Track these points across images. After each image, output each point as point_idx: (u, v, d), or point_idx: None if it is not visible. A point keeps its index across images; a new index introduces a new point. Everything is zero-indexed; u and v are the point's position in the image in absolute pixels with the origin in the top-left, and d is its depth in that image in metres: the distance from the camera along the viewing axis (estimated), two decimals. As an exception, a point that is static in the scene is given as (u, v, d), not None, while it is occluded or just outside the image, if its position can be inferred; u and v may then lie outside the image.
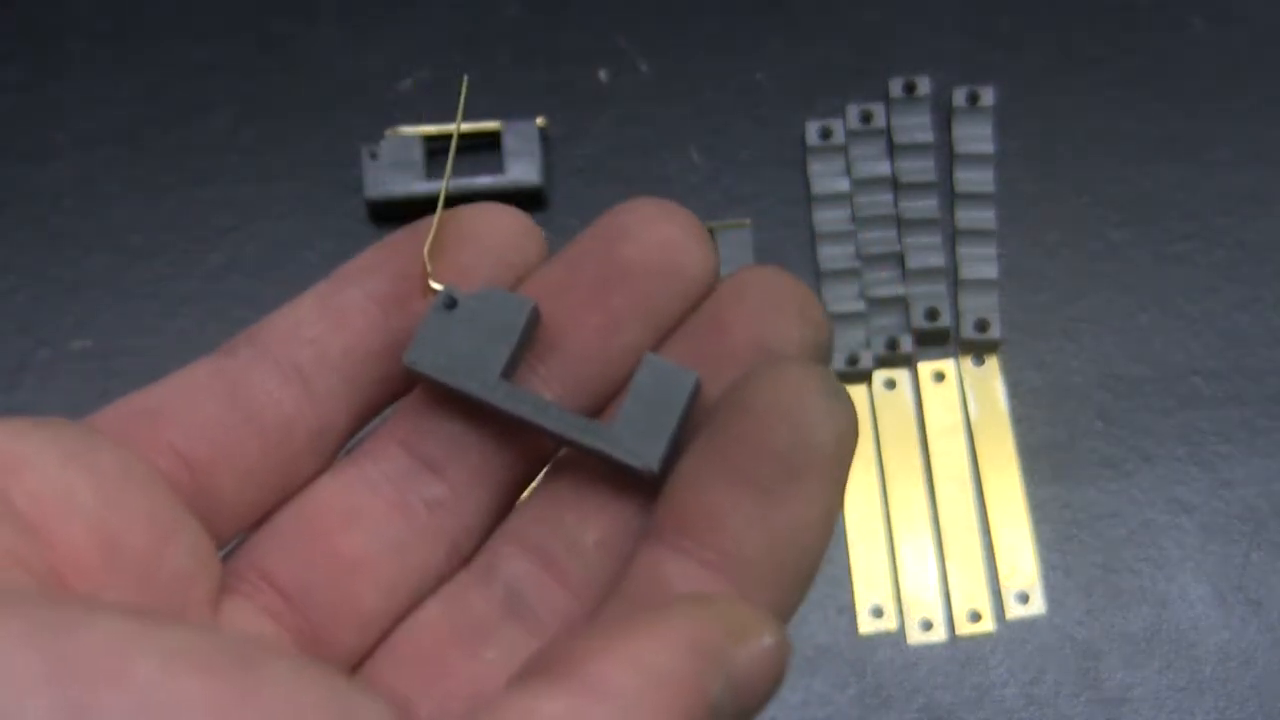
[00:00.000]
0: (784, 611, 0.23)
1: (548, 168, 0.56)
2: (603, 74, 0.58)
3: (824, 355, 0.25)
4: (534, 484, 0.26)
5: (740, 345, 0.25)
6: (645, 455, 0.24)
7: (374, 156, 0.55)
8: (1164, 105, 0.57)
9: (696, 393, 0.25)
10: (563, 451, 0.26)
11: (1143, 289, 0.55)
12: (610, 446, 0.24)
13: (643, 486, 0.25)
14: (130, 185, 0.57)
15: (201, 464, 0.24)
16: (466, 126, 0.55)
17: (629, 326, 0.25)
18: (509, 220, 0.26)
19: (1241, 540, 0.52)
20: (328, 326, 0.25)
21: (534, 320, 0.25)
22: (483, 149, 0.55)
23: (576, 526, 0.25)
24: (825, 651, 0.51)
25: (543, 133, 0.55)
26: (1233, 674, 0.50)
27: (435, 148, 0.55)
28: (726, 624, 0.21)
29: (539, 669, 0.20)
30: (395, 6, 0.59)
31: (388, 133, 0.55)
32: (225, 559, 0.25)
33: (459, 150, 0.50)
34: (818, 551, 0.23)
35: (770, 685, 0.21)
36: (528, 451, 0.26)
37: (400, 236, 0.26)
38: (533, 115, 0.56)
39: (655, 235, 0.25)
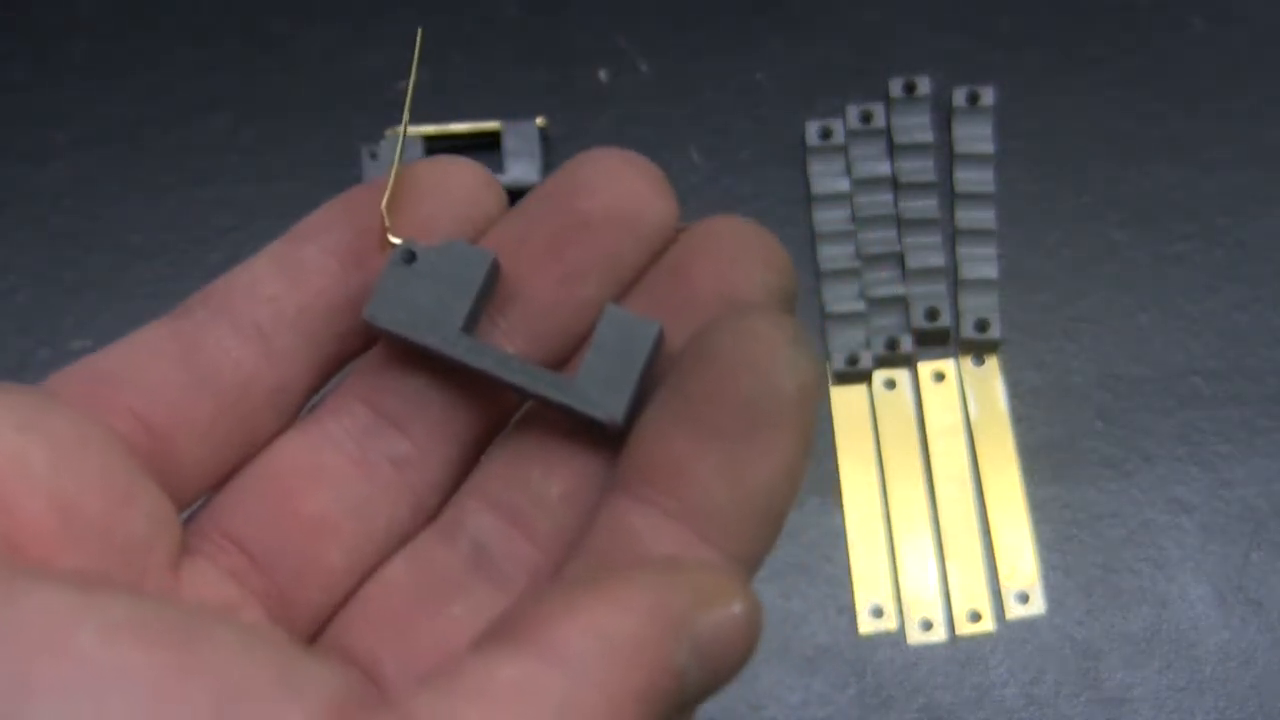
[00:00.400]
0: (750, 562, 0.23)
1: (548, 168, 0.56)
2: (603, 74, 0.58)
3: (789, 302, 0.25)
4: (498, 439, 0.26)
5: (704, 294, 0.24)
6: (609, 407, 0.24)
7: (374, 156, 0.55)
8: (1164, 105, 0.57)
9: (659, 343, 0.24)
10: (527, 406, 0.25)
11: (1143, 289, 0.55)
12: (573, 399, 0.24)
13: (607, 439, 0.24)
14: (130, 185, 0.57)
15: (160, 426, 0.23)
16: (466, 127, 0.55)
17: (589, 278, 0.25)
18: (467, 173, 0.26)
19: (1241, 540, 0.52)
20: (286, 284, 0.25)
21: (494, 273, 0.25)
22: (483, 149, 0.55)
23: (541, 481, 0.25)
24: (825, 651, 0.51)
25: (543, 133, 0.55)
26: (1233, 674, 0.50)
27: (435, 148, 0.55)
28: (693, 590, 0.21)
29: (499, 633, 0.20)
30: (395, 6, 0.59)
31: (388, 133, 0.55)
32: (188, 521, 0.25)
33: (459, 151, 0.50)
34: (784, 501, 0.23)
35: (742, 653, 0.21)
36: (491, 406, 0.26)
37: (357, 192, 0.26)
38: (533, 115, 0.56)
39: (614, 185, 0.25)
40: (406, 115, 0.28)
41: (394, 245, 0.25)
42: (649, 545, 0.22)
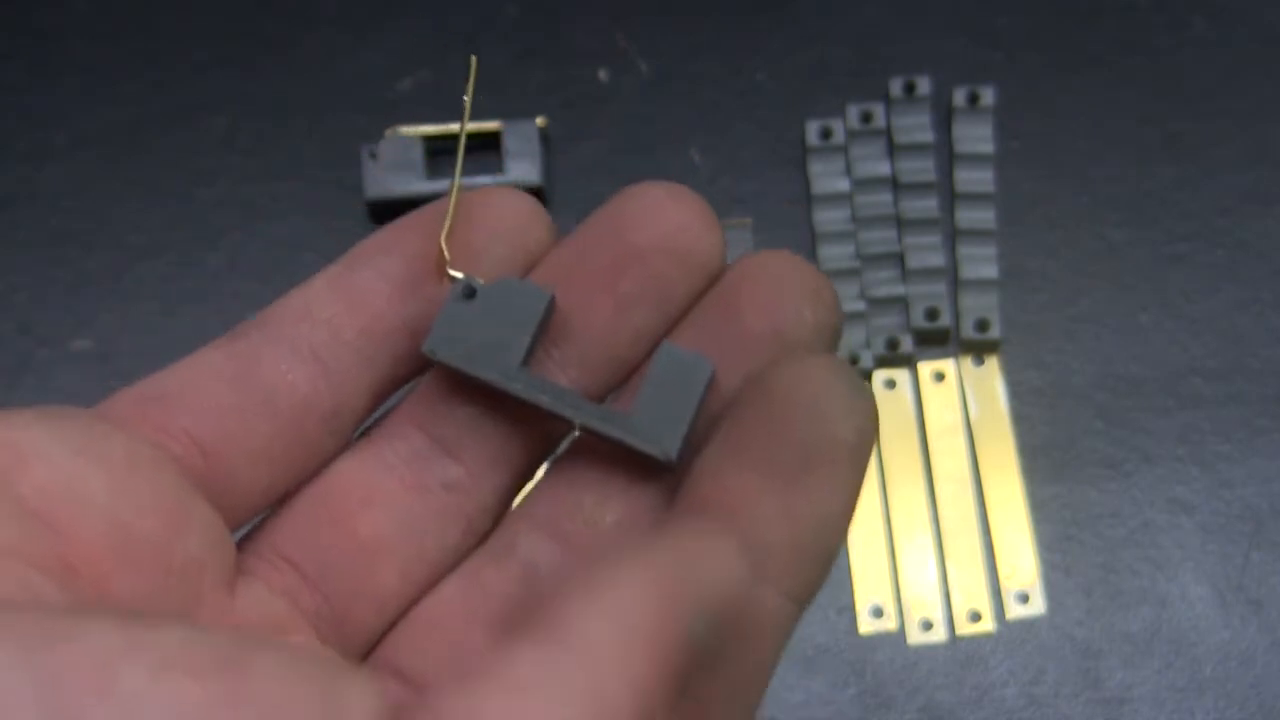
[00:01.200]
0: (803, 597, 0.23)
1: (548, 168, 0.56)
2: (603, 74, 0.58)
3: (836, 338, 0.25)
4: (552, 464, 0.26)
5: (754, 331, 0.25)
6: (664, 443, 0.24)
7: (374, 156, 0.55)
8: (1164, 105, 0.57)
9: (711, 381, 0.25)
10: (576, 434, 0.26)
11: (1143, 289, 0.55)
12: (629, 435, 0.25)
13: (658, 473, 0.25)
14: (130, 185, 0.57)
15: (214, 447, 0.24)
16: (467, 127, 0.55)
17: (641, 308, 0.25)
18: (517, 204, 0.26)
19: (1241, 540, 0.52)
20: (342, 307, 0.25)
21: (550, 310, 0.25)
22: (483, 149, 0.55)
23: (595, 507, 0.25)
24: (825, 651, 0.51)
25: (543, 133, 0.55)
26: (1233, 674, 0.50)
27: (435, 148, 0.55)
28: (701, 559, 0.21)
29: (521, 626, 0.20)
30: (395, 6, 0.59)
31: (388, 133, 0.55)
32: (243, 541, 0.25)
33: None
34: (837, 540, 0.23)
35: (740, 614, 0.21)
36: (543, 435, 0.26)
37: (413, 219, 0.26)
38: (533, 115, 0.56)
39: (665, 219, 0.25)
40: (461, 148, 0.29)
41: (451, 277, 0.25)
42: None
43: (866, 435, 0.23)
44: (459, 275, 0.25)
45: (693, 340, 0.25)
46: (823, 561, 0.23)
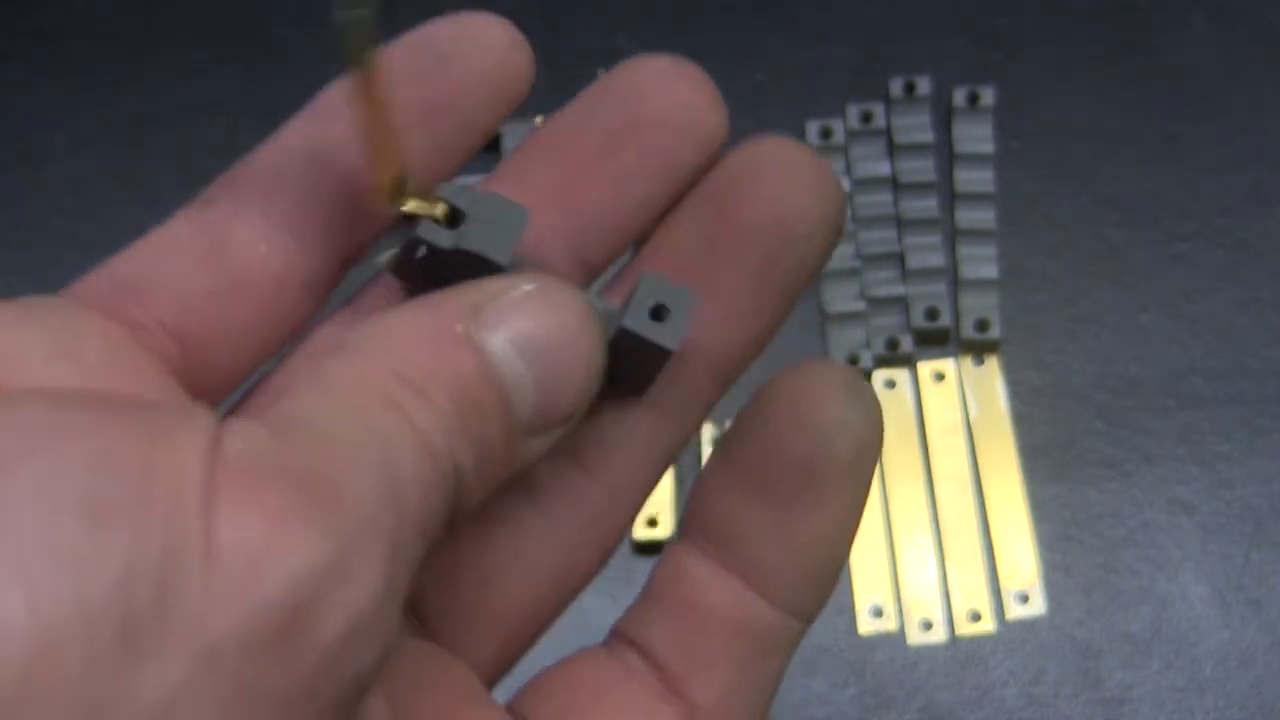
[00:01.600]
0: (808, 613, 0.23)
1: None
2: (602, 74, 0.58)
3: (838, 232, 0.24)
4: None
5: (754, 223, 0.24)
6: (666, 338, 0.23)
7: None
8: (1164, 105, 0.57)
9: (694, 311, 0.24)
10: None
11: (1143, 289, 0.55)
12: (634, 324, 0.23)
13: (639, 397, 0.24)
14: (130, 185, 0.57)
15: (191, 336, 0.23)
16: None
17: (642, 179, 0.25)
18: (498, 34, 0.25)
19: (1241, 540, 0.52)
20: (317, 169, 0.24)
21: (524, 227, 0.24)
22: (483, 149, 0.55)
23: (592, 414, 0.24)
24: (825, 651, 0.51)
25: (543, 133, 0.55)
26: (1233, 674, 0.50)
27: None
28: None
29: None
30: (395, 7, 0.59)
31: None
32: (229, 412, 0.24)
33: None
34: (840, 557, 0.23)
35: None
36: None
37: (380, 61, 0.24)
38: (533, 115, 0.56)
39: (668, 90, 0.25)
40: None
41: (411, 211, 0.23)
42: (710, 596, 0.23)
43: (867, 451, 0.23)
44: (424, 214, 0.23)
45: (690, 230, 0.24)
46: (826, 579, 0.23)
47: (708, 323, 0.24)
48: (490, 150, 0.55)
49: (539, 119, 0.55)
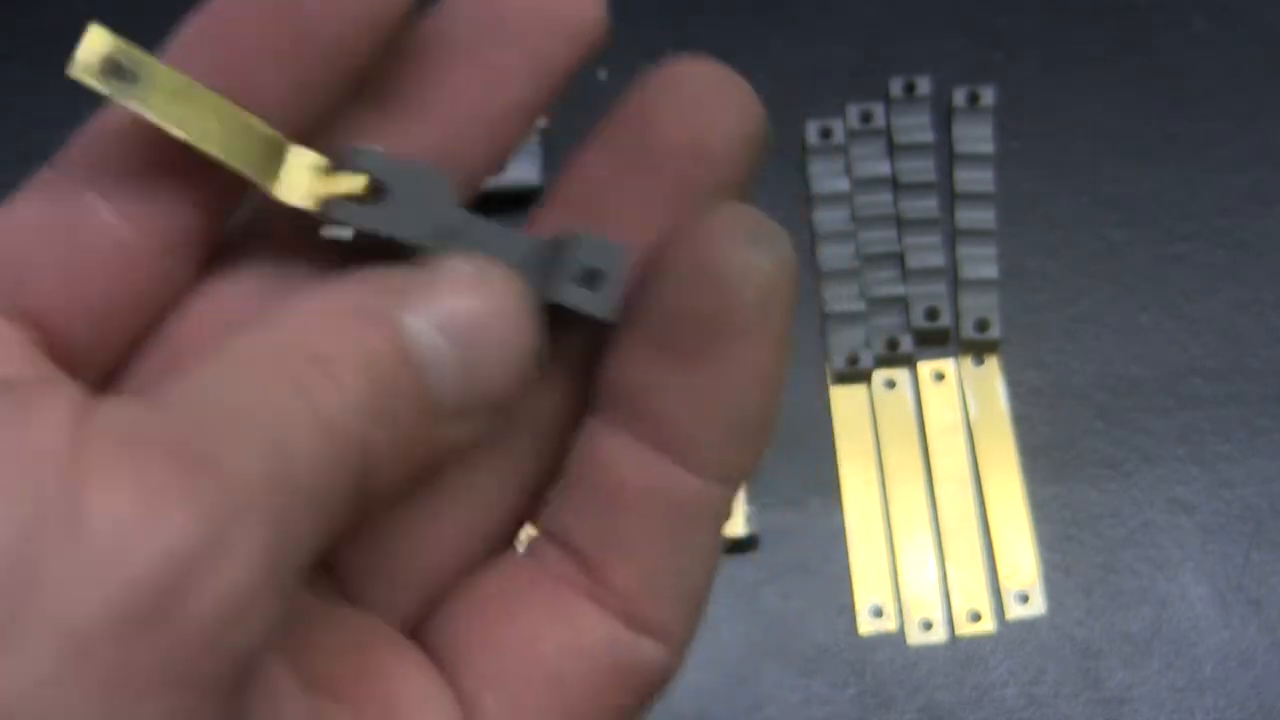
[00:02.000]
0: (733, 477, 0.21)
1: (548, 168, 0.56)
2: (602, 74, 0.58)
3: (760, 151, 0.23)
4: None
5: (670, 144, 0.23)
6: (599, 307, 0.22)
7: (374, 156, 0.55)
8: (1164, 105, 0.57)
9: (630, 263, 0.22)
10: None
11: (1143, 289, 0.55)
12: (564, 295, 0.22)
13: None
14: (130, 185, 0.57)
15: (47, 317, 0.21)
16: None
17: (516, 80, 0.24)
18: None
19: (1241, 540, 0.52)
20: (156, 128, 0.22)
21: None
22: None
23: None
24: (825, 651, 0.51)
25: (543, 133, 0.55)
26: (1233, 674, 0.50)
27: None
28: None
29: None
30: None
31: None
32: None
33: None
34: (761, 412, 0.21)
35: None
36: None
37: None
38: (532, 115, 0.55)
39: None
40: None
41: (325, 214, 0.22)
42: (624, 471, 0.21)
43: (773, 293, 0.21)
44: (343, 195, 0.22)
45: (605, 157, 0.23)
46: (747, 438, 0.21)
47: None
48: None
49: (539, 119, 0.55)
